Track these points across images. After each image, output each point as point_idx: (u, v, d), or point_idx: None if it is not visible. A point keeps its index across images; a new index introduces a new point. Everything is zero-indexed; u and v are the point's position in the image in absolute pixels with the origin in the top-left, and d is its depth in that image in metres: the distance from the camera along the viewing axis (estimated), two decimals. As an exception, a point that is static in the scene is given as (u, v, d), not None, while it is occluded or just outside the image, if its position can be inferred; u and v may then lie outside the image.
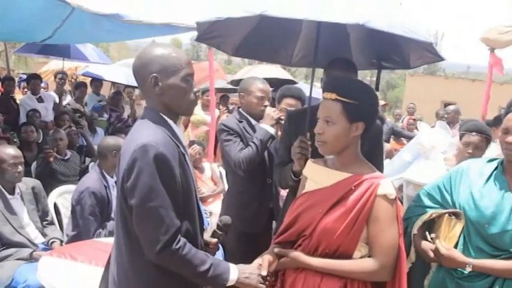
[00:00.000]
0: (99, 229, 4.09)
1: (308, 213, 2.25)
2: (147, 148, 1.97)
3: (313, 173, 2.38)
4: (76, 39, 7.79)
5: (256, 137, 3.47)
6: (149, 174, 1.96)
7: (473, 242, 2.41)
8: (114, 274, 2.20)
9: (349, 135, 2.20)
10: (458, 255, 2.38)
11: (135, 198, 1.99)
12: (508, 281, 2.32)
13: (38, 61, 14.09)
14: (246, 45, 3.40)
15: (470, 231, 2.42)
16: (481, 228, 2.38)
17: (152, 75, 2.07)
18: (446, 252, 2.39)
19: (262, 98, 3.63)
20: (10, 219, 3.94)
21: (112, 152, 4.26)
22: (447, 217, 2.47)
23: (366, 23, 2.40)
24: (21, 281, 3.62)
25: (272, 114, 3.50)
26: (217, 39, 3.34)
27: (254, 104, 3.63)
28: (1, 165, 3.97)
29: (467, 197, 2.47)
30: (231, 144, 3.54)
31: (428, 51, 2.84)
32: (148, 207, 1.97)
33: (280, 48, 3.60)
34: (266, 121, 3.51)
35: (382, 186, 2.15)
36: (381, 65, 3.29)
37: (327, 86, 2.27)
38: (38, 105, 7.98)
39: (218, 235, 2.48)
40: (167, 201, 2.00)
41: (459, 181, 2.56)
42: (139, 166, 1.97)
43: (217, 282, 2.14)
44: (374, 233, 2.16)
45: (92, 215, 4.07)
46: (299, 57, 3.62)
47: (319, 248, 2.20)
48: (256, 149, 3.44)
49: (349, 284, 2.17)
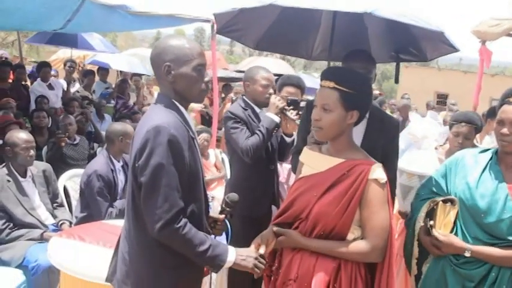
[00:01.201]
0: (110, 208, 4.17)
1: (304, 197, 2.33)
2: (160, 129, 2.07)
3: (309, 159, 2.46)
4: (86, 29, 7.88)
5: (263, 125, 3.52)
6: (160, 154, 2.06)
7: (470, 230, 2.47)
8: (124, 251, 2.28)
9: (344, 122, 2.28)
10: (457, 241, 2.46)
11: (144, 176, 2.09)
12: (504, 269, 2.39)
13: (49, 50, 14.21)
14: (267, 38, 3.46)
15: (467, 220, 2.49)
16: (478, 217, 2.44)
17: (165, 64, 2.19)
18: (444, 238, 2.46)
19: (267, 86, 3.67)
20: (22, 201, 4.03)
21: (119, 137, 4.33)
22: (441, 204, 2.54)
23: (373, 12, 2.46)
24: (32, 260, 3.72)
25: (277, 103, 3.52)
26: (238, 32, 3.40)
27: (259, 92, 3.67)
28: (14, 149, 4.05)
29: (463, 187, 2.53)
30: (238, 132, 3.58)
31: (444, 43, 2.85)
32: (156, 185, 2.07)
33: (301, 41, 3.63)
34: (271, 110, 3.54)
35: (373, 171, 2.22)
36: (399, 57, 3.30)
37: (326, 75, 2.32)
38: (48, 92, 8.06)
39: (226, 212, 2.53)
40: (174, 182, 2.09)
41: (455, 171, 2.62)
42: (152, 146, 2.07)
43: (215, 262, 2.20)
44: (366, 216, 2.23)
45: (101, 196, 4.15)
46: (319, 50, 3.65)
47: (315, 229, 2.27)
48: (263, 137, 3.48)
49: (343, 265, 2.23)
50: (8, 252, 3.86)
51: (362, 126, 2.83)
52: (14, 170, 4.11)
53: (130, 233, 2.25)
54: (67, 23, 5.84)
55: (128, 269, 2.26)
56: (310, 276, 2.25)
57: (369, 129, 2.87)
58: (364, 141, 2.81)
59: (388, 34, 3.22)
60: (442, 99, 23.64)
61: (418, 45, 3.18)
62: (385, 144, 2.85)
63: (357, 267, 2.25)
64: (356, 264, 2.25)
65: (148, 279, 2.21)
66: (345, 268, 2.24)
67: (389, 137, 2.92)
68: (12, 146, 4.06)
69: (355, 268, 2.25)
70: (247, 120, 3.66)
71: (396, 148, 3.01)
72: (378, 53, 3.27)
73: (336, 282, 2.23)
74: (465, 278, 2.46)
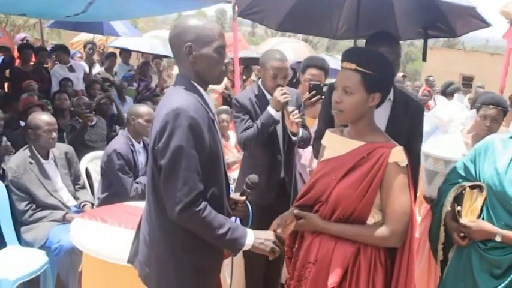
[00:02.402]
0: (135, 184, 4.21)
1: (324, 180, 2.31)
2: (179, 111, 2.06)
3: (330, 142, 2.43)
4: (108, 15, 7.86)
5: (260, 119, 3.40)
6: (180, 136, 2.05)
7: (499, 216, 2.42)
8: (145, 233, 2.30)
9: (365, 105, 2.23)
10: (487, 225, 2.41)
11: (164, 159, 2.08)
12: None
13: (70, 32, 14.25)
14: (290, 19, 3.38)
15: (496, 206, 2.44)
16: (506, 203, 2.40)
17: (187, 44, 2.16)
18: (474, 224, 2.42)
19: (275, 76, 3.45)
20: (44, 183, 4.07)
21: (131, 117, 4.36)
22: (469, 190, 2.50)
23: None
24: (55, 241, 3.76)
25: (279, 98, 3.33)
26: (260, 14, 3.35)
27: (268, 80, 3.51)
28: (36, 131, 4.07)
29: (491, 173, 2.48)
30: (238, 122, 3.49)
31: (474, 17, 2.78)
32: (176, 168, 2.06)
33: (324, 20, 3.54)
34: (272, 104, 3.38)
35: (393, 154, 2.18)
36: (427, 34, 3.21)
37: (347, 56, 2.27)
38: (69, 74, 8.08)
39: (247, 193, 2.52)
40: (194, 164, 2.08)
41: (484, 156, 2.56)
42: (171, 128, 2.06)
43: (234, 245, 2.20)
44: (386, 200, 2.20)
45: (123, 172, 4.18)
46: (344, 29, 3.55)
47: (334, 213, 2.25)
48: (258, 131, 3.38)
49: (362, 249, 2.21)
50: (31, 233, 3.92)
51: (387, 109, 2.79)
52: (36, 152, 4.14)
53: (151, 215, 2.26)
54: (88, 6, 5.81)
55: (150, 251, 2.27)
56: (329, 260, 2.25)
57: (394, 112, 2.81)
58: (389, 124, 2.76)
59: (416, 10, 3.13)
60: (467, 81, 23.29)
61: (446, 20, 3.09)
62: (409, 128, 2.79)
63: (376, 252, 2.23)
64: (376, 249, 2.23)
65: (170, 261, 2.21)
66: (364, 252, 2.22)
67: (414, 120, 2.86)
68: (35, 128, 4.09)
69: (374, 253, 2.23)
70: (253, 109, 3.52)
71: (420, 132, 2.95)
72: (404, 30, 3.21)
73: (354, 266, 2.21)
74: (493, 265, 2.42)
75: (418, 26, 3.26)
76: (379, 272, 2.21)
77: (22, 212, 3.95)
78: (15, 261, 3.63)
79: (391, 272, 2.25)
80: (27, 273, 3.52)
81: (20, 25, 18.66)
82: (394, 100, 2.80)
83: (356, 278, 2.19)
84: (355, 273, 2.20)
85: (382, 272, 2.22)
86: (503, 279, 2.37)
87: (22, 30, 17.84)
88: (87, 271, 3.20)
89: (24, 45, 8.80)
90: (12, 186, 3.96)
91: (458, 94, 10.87)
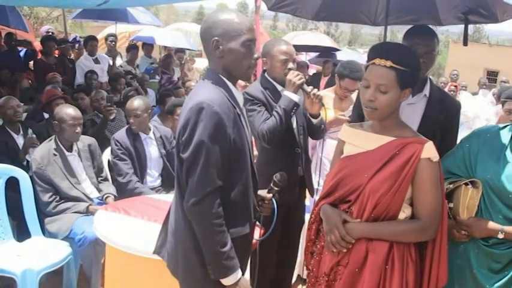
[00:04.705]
0: (134, 178, 4.36)
1: (352, 178, 2.25)
2: (202, 106, 2.06)
3: (351, 137, 2.38)
4: (130, 2, 7.88)
5: (279, 106, 3.23)
6: (202, 131, 2.05)
7: (498, 211, 2.36)
8: (172, 224, 2.31)
9: (398, 101, 2.21)
10: (489, 223, 2.35)
11: (186, 152, 2.09)
12: None
13: (93, 25, 14.38)
14: (326, 8, 3.32)
15: (493, 200, 2.38)
16: (505, 198, 2.34)
17: (214, 39, 2.16)
18: (474, 223, 2.37)
19: (286, 60, 3.33)
20: (68, 174, 4.10)
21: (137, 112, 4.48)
22: (464, 187, 2.43)
23: None
24: (79, 233, 3.78)
25: (294, 80, 3.23)
26: (293, 5, 3.31)
27: (277, 68, 3.36)
28: (61, 125, 4.11)
29: (489, 166, 2.40)
30: (255, 115, 3.30)
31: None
32: (195, 161, 2.07)
33: (363, 8, 3.48)
34: (289, 88, 3.24)
35: (426, 150, 2.16)
36: (468, 19, 3.17)
37: (381, 53, 2.21)
38: (94, 66, 8.16)
39: (274, 191, 2.50)
40: (213, 159, 2.07)
41: (476, 150, 2.47)
42: (194, 123, 2.07)
43: (219, 270, 2.16)
44: (418, 195, 2.18)
45: (119, 159, 4.37)
46: (383, 15, 3.45)
47: (368, 210, 2.20)
48: (280, 118, 3.20)
49: (395, 246, 2.17)
50: (55, 225, 3.95)
51: (422, 105, 2.76)
52: (60, 144, 4.17)
53: (177, 206, 2.27)
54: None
55: (176, 242, 2.28)
56: (362, 261, 2.20)
57: (429, 108, 2.77)
58: (423, 119, 2.74)
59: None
60: (492, 76, 22.96)
61: (488, 6, 3.04)
62: (444, 125, 2.74)
63: (407, 248, 2.20)
64: (407, 245, 2.20)
65: (195, 252, 2.20)
66: (397, 250, 2.18)
67: (449, 117, 2.80)
68: (60, 121, 4.13)
69: (406, 249, 2.20)
70: (266, 101, 3.38)
71: (456, 130, 2.89)
72: (444, 15, 3.15)
73: (387, 264, 2.17)
74: (493, 260, 2.36)
75: (458, 11, 3.21)
76: (410, 269, 2.19)
77: (46, 203, 3.98)
78: (39, 252, 3.66)
79: (420, 268, 2.23)
80: (51, 264, 3.56)
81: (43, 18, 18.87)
82: (430, 96, 2.77)
83: (390, 277, 2.16)
84: (389, 272, 2.17)
85: (413, 268, 2.19)
86: (503, 273, 2.34)
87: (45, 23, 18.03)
88: (110, 263, 3.22)
89: (47, 37, 8.89)
90: (36, 178, 3.99)
91: (483, 89, 10.71)
